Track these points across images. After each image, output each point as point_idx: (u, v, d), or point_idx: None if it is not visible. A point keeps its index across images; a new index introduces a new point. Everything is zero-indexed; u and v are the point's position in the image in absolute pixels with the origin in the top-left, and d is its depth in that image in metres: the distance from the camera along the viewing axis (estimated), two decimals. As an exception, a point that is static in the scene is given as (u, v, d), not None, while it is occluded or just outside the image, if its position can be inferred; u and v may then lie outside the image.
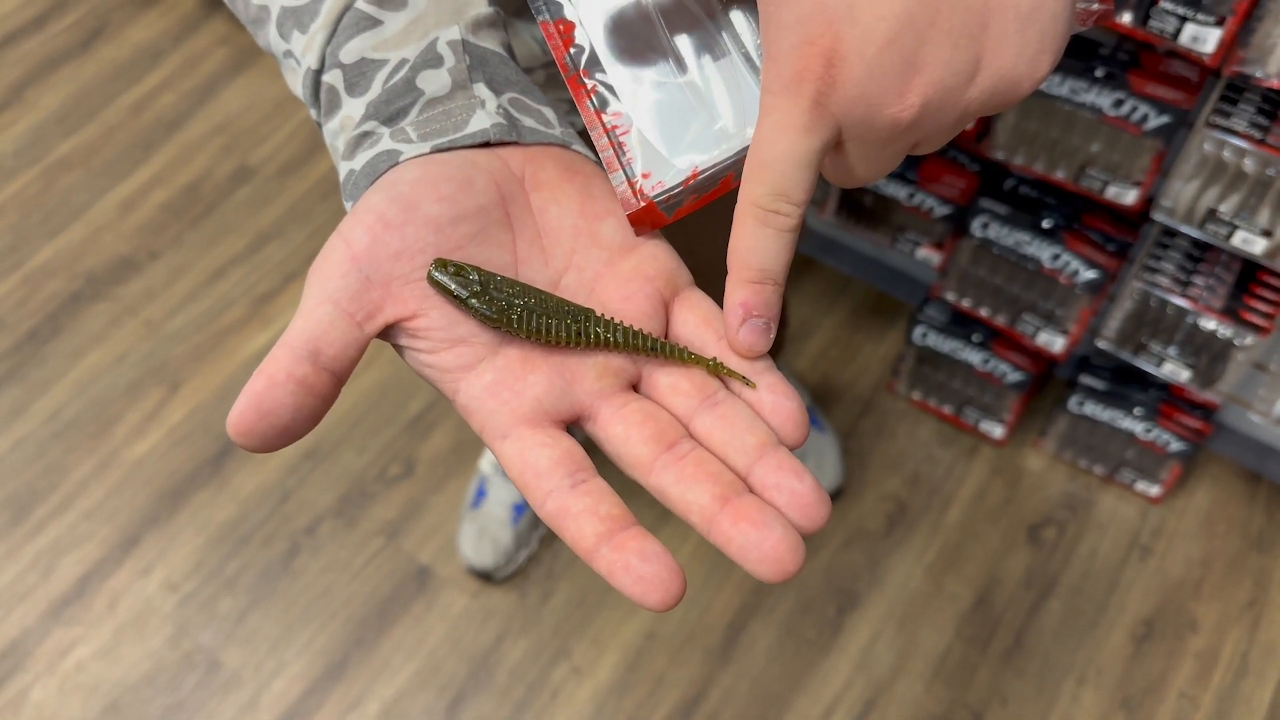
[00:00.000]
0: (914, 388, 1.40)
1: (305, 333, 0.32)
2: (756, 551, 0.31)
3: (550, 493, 0.32)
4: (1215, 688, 1.23)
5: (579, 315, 0.34)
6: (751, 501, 0.31)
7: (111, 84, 1.76)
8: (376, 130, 0.36)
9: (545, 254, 0.36)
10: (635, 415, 0.33)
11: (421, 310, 0.33)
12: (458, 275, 0.33)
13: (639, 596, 0.30)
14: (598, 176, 0.37)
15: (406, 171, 0.34)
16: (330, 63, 0.36)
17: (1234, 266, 1.13)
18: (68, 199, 1.63)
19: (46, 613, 1.28)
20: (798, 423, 0.34)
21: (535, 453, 0.32)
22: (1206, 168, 1.02)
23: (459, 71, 0.36)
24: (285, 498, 1.36)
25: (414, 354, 0.34)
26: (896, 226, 1.29)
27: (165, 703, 1.22)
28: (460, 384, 0.33)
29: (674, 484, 0.32)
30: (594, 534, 0.31)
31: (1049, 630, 1.27)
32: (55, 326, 1.50)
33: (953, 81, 0.31)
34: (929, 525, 1.34)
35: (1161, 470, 1.31)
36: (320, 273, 0.33)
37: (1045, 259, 1.17)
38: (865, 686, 1.23)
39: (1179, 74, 1.02)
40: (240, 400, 0.31)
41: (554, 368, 0.34)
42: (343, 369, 0.32)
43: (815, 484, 0.32)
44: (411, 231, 0.33)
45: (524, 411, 0.33)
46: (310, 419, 0.32)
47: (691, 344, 0.36)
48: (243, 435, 0.31)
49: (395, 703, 1.22)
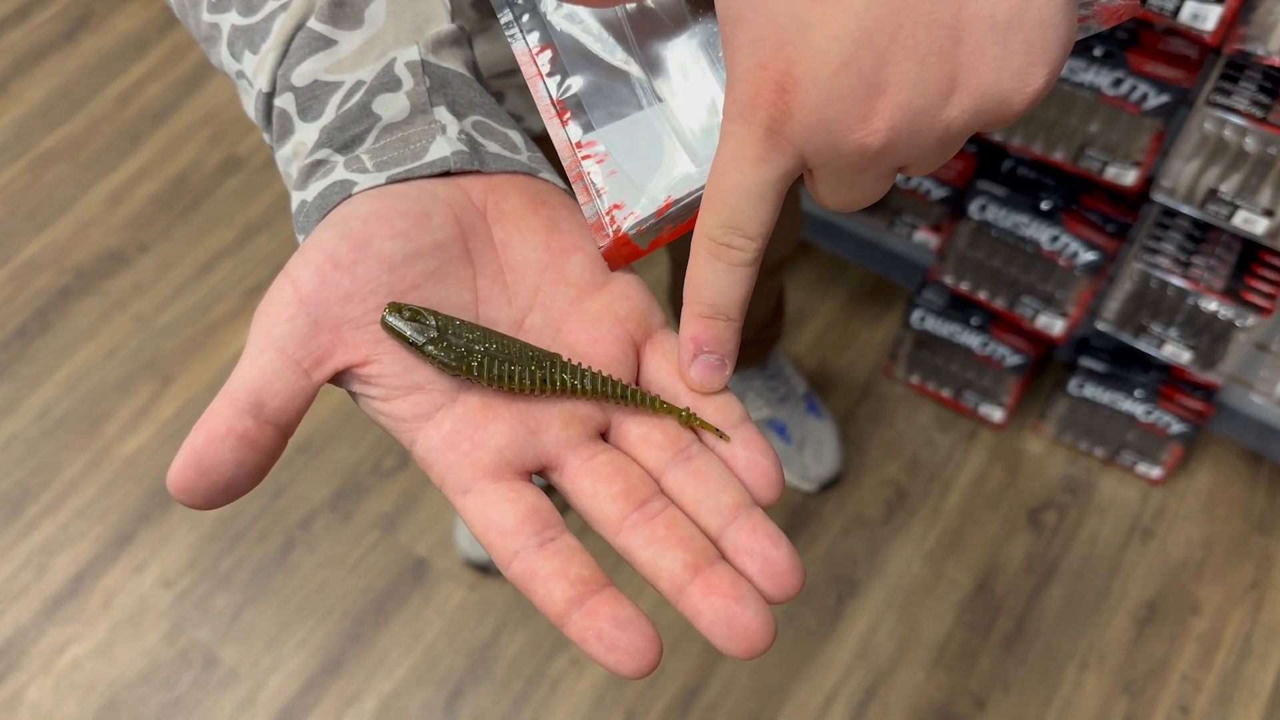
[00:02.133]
0: (912, 372, 1.39)
1: (248, 383, 0.30)
2: (727, 628, 0.29)
3: (516, 553, 0.30)
4: (1218, 670, 1.23)
5: (544, 361, 0.32)
6: (724, 573, 0.30)
7: (97, 75, 1.74)
8: (330, 159, 0.34)
9: (508, 291, 0.34)
10: (604, 469, 0.32)
11: (374, 356, 0.31)
12: (413, 320, 0.31)
13: (613, 666, 0.29)
14: (566, 207, 0.35)
15: (359, 205, 0.32)
16: (282, 85, 0.34)
17: (1235, 247, 1.12)
18: (54, 193, 1.61)
19: (41, 611, 1.27)
20: (772, 481, 0.32)
21: (499, 509, 0.30)
22: (1207, 147, 1.01)
23: (418, 95, 0.34)
24: (279, 493, 1.35)
25: (367, 401, 0.32)
26: (894, 209, 1.27)
27: (162, 700, 1.22)
28: (417, 434, 0.32)
29: (643, 547, 0.30)
30: (564, 599, 0.29)
31: (1050, 615, 1.26)
32: (44, 322, 1.49)
33: (923, 102, 0.28)
34: (928, 511, 1.33)
35: (1162, 452, 1.30)
36: (265, 316, 0.31)
37: (1044, 241, 1.16)
38: (866, 674, 1.23)
39: (1179, 52, 1.00)
40: (179, 456, 0.29)
41: (517, 415, 0.32)
42: (288, 421, 0.31)
43: (790, 550, 0.31)
44: (363, 271, 0.31)
45: (485, 463, 0.31)
46: (254, 475, 0.30)
47: (664, 391, 0.34)
48: (182, 493, 0.29)
49: (394, 697, 1.22)
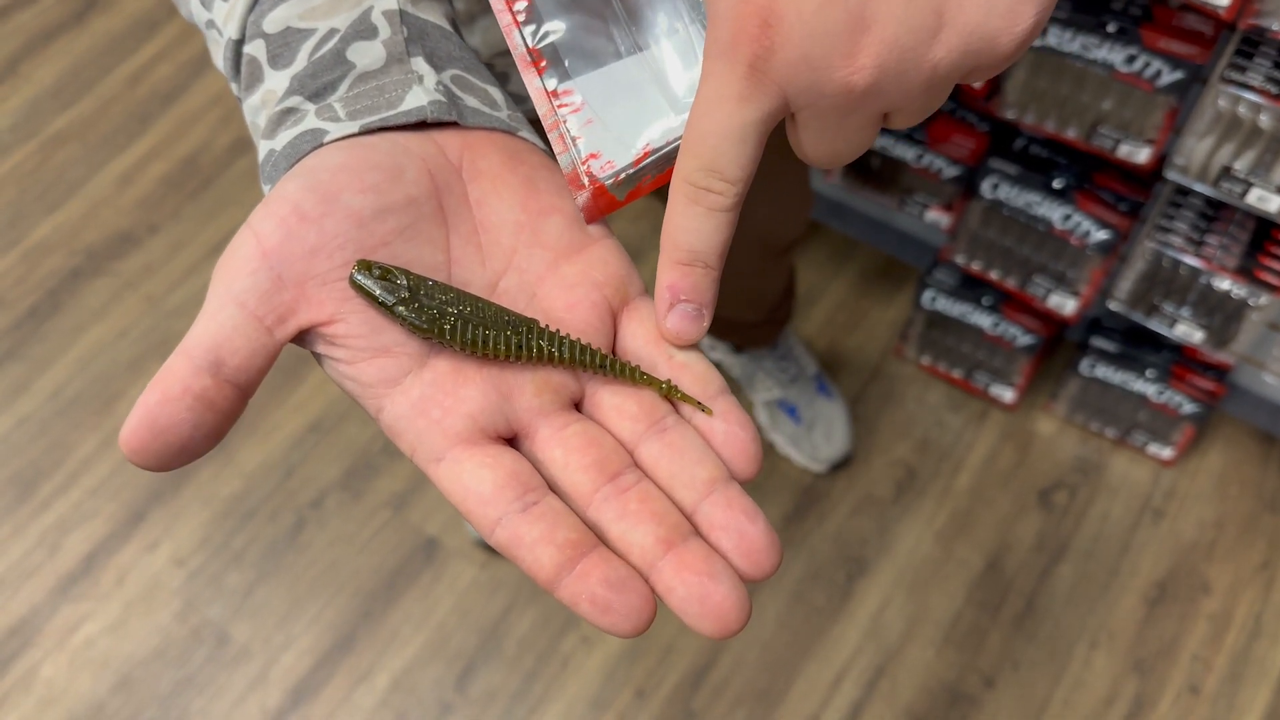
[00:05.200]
0: (923, 352, 1.38)
1: (206, 340, 0.29)
2: (699, 606, 0.28)
3: (499, 520, 0.29)
4: (1228, 650, 1.23)
5: (520, 326, 0.31)
6: (697, 548, 0.29)
7: (107, 56, 1.74)
8: (301, 106, 0.32)
9: (482, 253, 0.32)
10: (576, 439, 0.30)
11: (340, 315, 0.30)
12: (384, 279, 0.30)
13: (608, 627, 0.28)
14: (545, 167, 0.34)
15: (329, 156, 0.31)
16: (253, 32, 0.33)
17: (1248, 225, 1.11)
18: (65, 173, 1.62)
19: (55, 589, 1.28)
20: (750, 456, 0.31)
21: (476, 475, 0.29)
22: (1221, 124, 1.00)
23: (395, 44, 0.33)
24: (290, 472, 1.35)
25: (332, 364, 0.31)
26: (905, 188, 1.27)
27: (175, 677, 1.22)
28: (384, 400, 0.30)
29: (615, 520, 0.29)
30: (553, 563, 0.28)
31: (1060, 594, 1.26)
32: (55, 303, 1.49)
33: (910, 40, 0.27)
34: (939, 491, 1.33)
35: (1174, 432, 1.29)
36: (226, 270, 0.29)
37: (1056, 220, 1.15)
38: (875, 653, 1.23)
39: (1193, 28, 1.00)
40: (132, 416, 0.27)
41: (489, 381, 0.31)
42: (248, 380, 0.29)
43: (767, 527, 0.30)
44: (330, 225, 0.30)
45: (458, 430, 0.30)
46: (211, 436, 0.28)
47: (640, 360, 0.33)
48: (136, 454, 0.27)
49: (405, 674, 1.22)
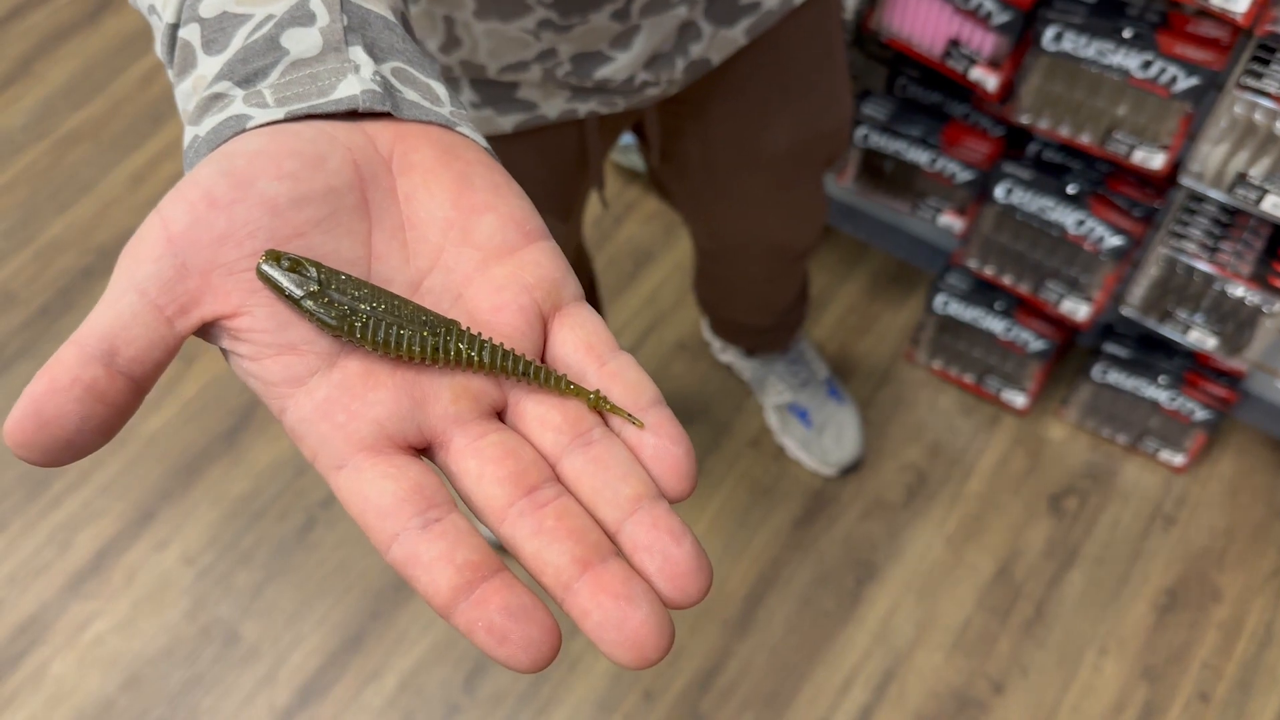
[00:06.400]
0: (934, 357, 1.38)
1: (101, 328, 0.27)
2: (615, 632, 0.26)
3: (396, 536, 0.27)
4: (1239, 657, 1.22)
5: (438, 327, 0.29)
6: (616, 570, 0.27)
7: (119, 56, 1.74)
8: (230, 92, 0.30)
9: (407, 250, 0.31)
10: (493, 450, 0.28)
11: (245, 308, 0.28)
12: (293, 270, 0.28)
13: (504, 659, 0.26)
14: (482, 164, 0.32)
15: (248, 142, 0.29)
16: (188, 16, 0.32)
17: (1263, 231, 1.11)
18: (77, 173, 1.62)
19: (64, 587, 1.28)
20: (682, 473, 0.29)
21: (376, 486, 0.27)
22: (1236, 130, 1.00)
23: (333, 32, 0.31)
24: (300, 471, 1.35)
25: (237, 360, 0.29)
26: (918, 192, 1.27)
27: (184, 675, 1.22)
28: (288, 401, 0.28)
29: (529, 538, 0.27)
30: (450, 586, 0.26)
31: (1070, 600, 1.26)
32: (67, 302, 1.50)
33: None
34: (949, 495, 1.33)
35: (1186, 439, 1.29)
36: (130, 257, 0.28)
37: (1070, 225, 1.15)
38: (884, 657, 1.23)
39: (1209, 35, 0.99)
40: (18, 406, 0.26)
41: (401, 385, 0.29)
42: (144, 374, 0.27)
43: (695, 549, 0.27)
44: (241, 212, 0.28)
45: (362, 436, 0.28)
46: (101, 431, 0.26)
47: (570, 369, 0.30)
48: (20, 447, 0.26)
49: (413, 674, 1.22)
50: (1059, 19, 1.02)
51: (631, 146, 1.46)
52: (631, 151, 1.47)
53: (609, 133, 0.82)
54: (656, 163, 0.93)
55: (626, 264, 1.49)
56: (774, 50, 0.79)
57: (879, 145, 1.24)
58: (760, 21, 0.73)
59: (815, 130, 0.87)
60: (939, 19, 1.09)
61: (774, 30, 0.77)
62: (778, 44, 0.78)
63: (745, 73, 0.79)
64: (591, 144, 0.79)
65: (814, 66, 0.83)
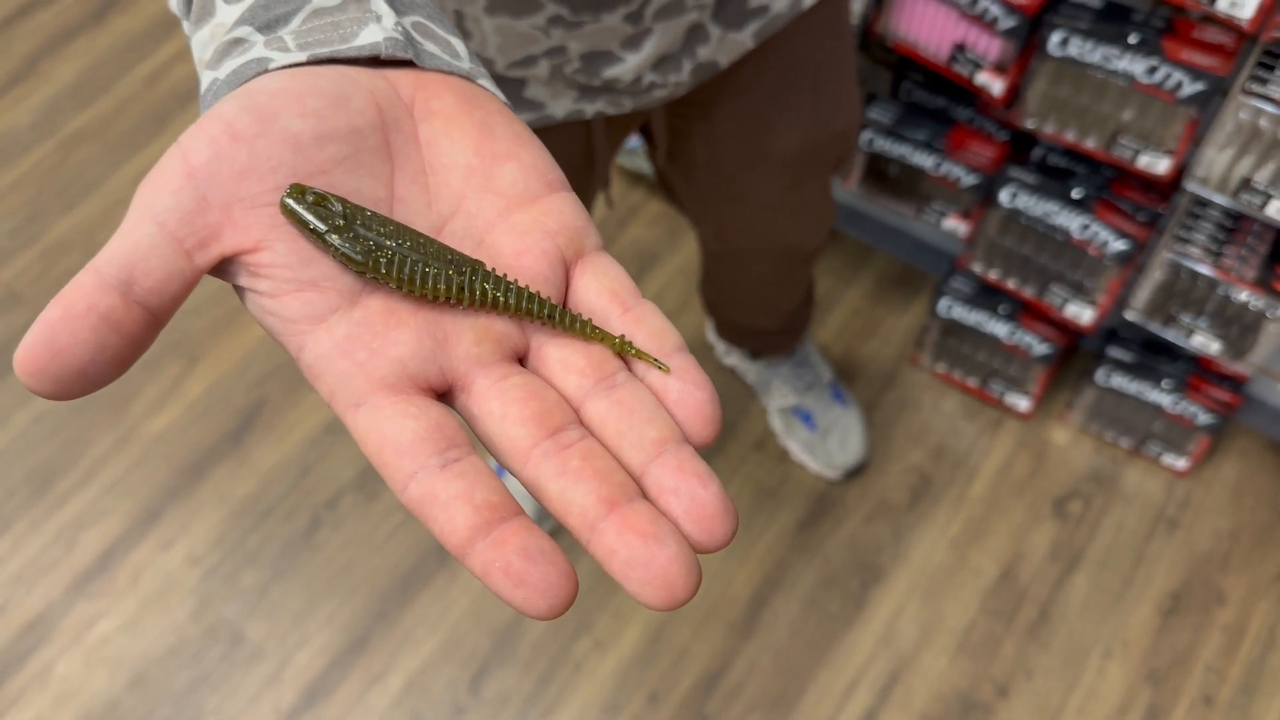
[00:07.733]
0: (938, 360, 1.38)
1: (119, 257, 0.26)
2: (643, 571, 0.25)
3: (414, 474, 0.26)
4: (1243, 661, 1.23)
5: (464, 266, 0.29)
6: (643, 509, 0.26)
7: (126, 55, 1.75)
8: (250, 37, 0.30)
9: (429, 195, 0.30)
10: (516, 391, 0.28)
11: (266, 243, 0.27)
12: (317, 205, 0.27)
13: (520, 603, 0.25)
14: (503, 115, 0.32)
15: (270, 81, 0.29)
16: None
17: (1267, 236, 1.11)
18: (83, 172, 1.62)
19: (70, 586, 1.28)
20: (707, 417, 0.29)
21: (395, 424, 0.27)
22: (1241, 136, 1.00)
23: None
24: (306, 471, 1.35)
25: (254, 297, 0.28)
26: (923, 196, 1.27)
27: (190, 675, 1.23)
28: (306, 338, 0.28)
29: (553, 478, 0.27)
30: (467, 526, 0.26)
31: (1074, 604, 1.26)
32: (73, 301, 1.50)
33: None
34: (953, 498, 1.33)
35: (1189, 443, 1.29)
36: (149, 188, 0.27)
37: (1074, 229, 1.15)
38: (889, 660, 1.23)
39: (1215, 40, 1.00)
40: (31, 333, 0.25)
41: (423, 325, 0.28)
42: (161, 306, 0.26)
43: (721, 492, 0.27)
44: (264, 146, 0.28)
45: (383, 375, 0.27)
46: (115, 363, 0.26)
47: (593, 315, 0.30)
48: (31, 375, 0.25)
49: (419, 675, 1.23)
50: (1065, 24, 1.03)
51: (637, 149, 1.46)
52: (636, 154, 1.48)
53: (615, 135, 0.82)
54: (663, 164, 0.93)
55: (631, 267, 1.50)
56: (782, 52, 0.79)
57: (884, 149, 1.24)
58: (768, 25, 0.74)
59: (824, 132, 0.87)
60: (945, 23, 1.10)
61: (782, 32, 0.77)
62: (786, 45, 0.79)
63: (753, 74, 0.79)
64: (598, 145, 0.79)
65: (823, 68, 0.83)
